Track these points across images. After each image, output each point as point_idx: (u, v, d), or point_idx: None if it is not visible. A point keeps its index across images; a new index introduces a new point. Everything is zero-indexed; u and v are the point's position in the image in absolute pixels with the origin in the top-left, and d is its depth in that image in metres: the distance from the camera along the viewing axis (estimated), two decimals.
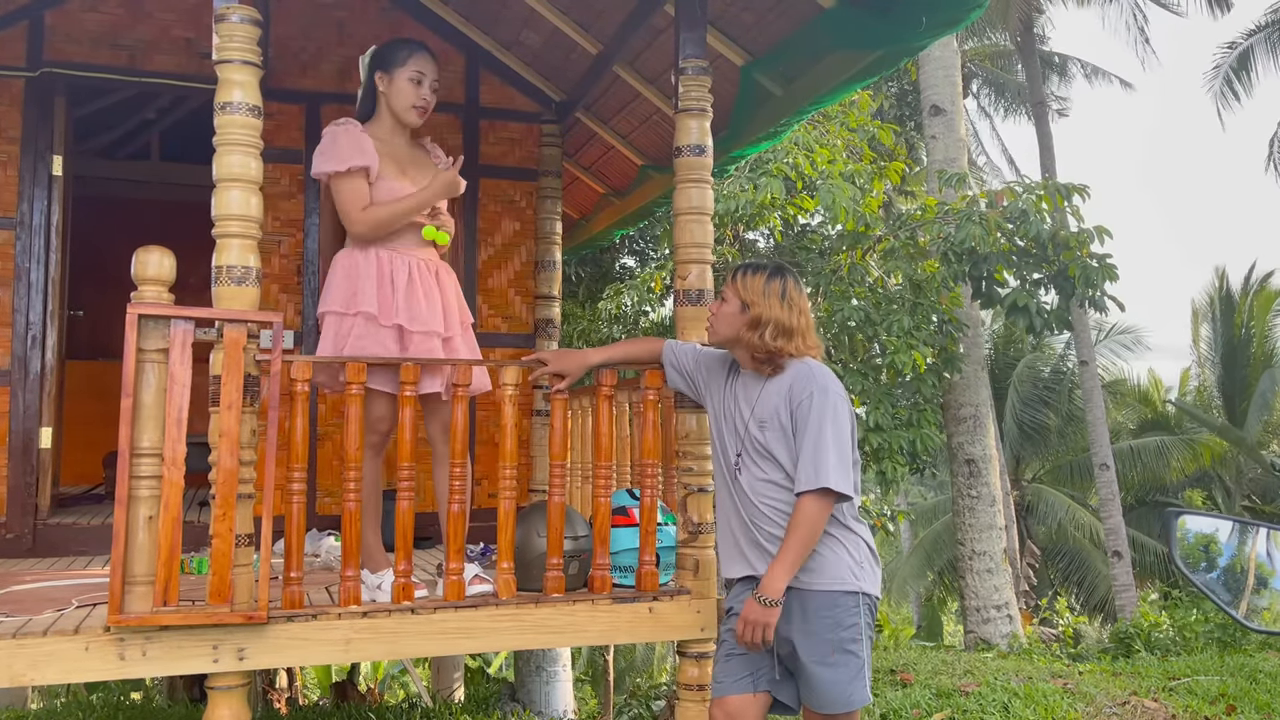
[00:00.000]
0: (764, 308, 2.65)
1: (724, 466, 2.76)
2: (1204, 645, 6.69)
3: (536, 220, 5.52)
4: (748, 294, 2.68)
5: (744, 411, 2.71)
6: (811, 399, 2.56)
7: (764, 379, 2.70)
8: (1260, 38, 16.99)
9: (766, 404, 2.65)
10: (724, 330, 2.75)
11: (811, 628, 2.55)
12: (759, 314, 2.65)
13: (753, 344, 2.66)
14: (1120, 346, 20.02)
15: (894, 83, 13.11)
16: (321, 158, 3.17)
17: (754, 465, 2.65)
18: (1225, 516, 1.75)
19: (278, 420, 2.71)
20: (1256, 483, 17.62)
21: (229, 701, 2.69)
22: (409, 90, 3.28)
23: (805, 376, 2.61)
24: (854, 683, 2.53)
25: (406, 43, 3.35)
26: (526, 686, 6.45)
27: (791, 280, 2.70)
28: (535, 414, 5.29)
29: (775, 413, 2.62)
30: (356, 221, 3.14)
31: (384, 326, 3.15)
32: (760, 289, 2.67)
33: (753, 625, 2.49)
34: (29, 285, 4.58)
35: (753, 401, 2.70)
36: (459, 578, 3.00)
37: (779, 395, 2.63)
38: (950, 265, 7.52)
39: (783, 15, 3.94)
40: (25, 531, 4.49)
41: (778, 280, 2.69)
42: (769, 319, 2.64)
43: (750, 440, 2.66)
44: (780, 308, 2.65)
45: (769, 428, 2.63)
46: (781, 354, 2.65)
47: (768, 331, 2.63)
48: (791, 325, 2.65)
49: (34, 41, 4.71)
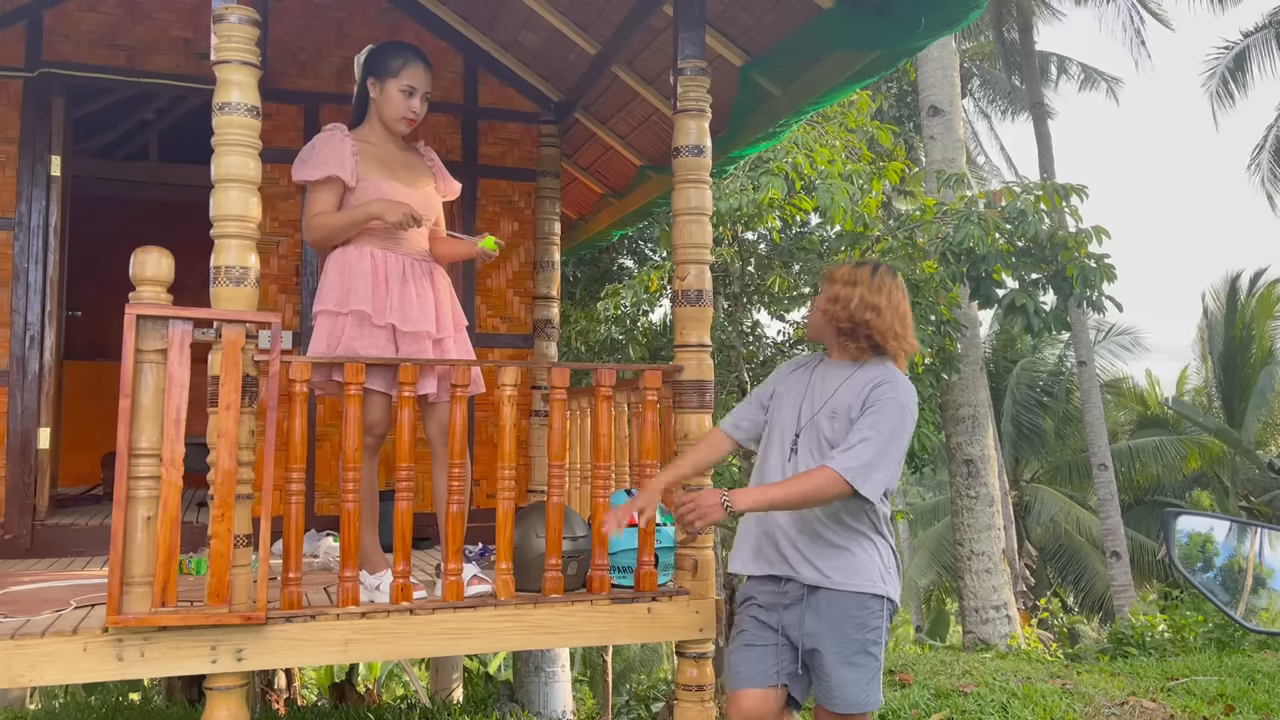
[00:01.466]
0: (847, 286, 2.65)
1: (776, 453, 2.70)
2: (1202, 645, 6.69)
3: (535, 220, 5.52)
4: (835, 276, 2.70)
5: (815, 399, 2.68)
6: (887, 403, 2.54)
7: (848, 372, 2.65)
8: (1257, 39, 17.01)
9: (843, 397, 2.62)
10: (814, 318, 2.77)
11: (839, 627, 2.54)
12: (839, 291, 2.65)
13: (836, 315, 2.64)
14: (1119, 347, 20.04)
15: (893, 83, 13.11)
16: (301, 164, 3.23)
17: (811, 453, 2.62)
18: (1223, 516, 1.75)
19: (276, 421, 2.71)
20: (1254, 482, 17.63)
21: (227, 702, 2.68)
22: (399, 101, 3.29)
23: (891, 383, 2.59)
24: (871, 684, 2.55)
25: (401, 50, 3.34)
26: (525, 687, 6.45)
27: (884, 269, 2.69)
28: (534, 414, 5.29)
29: (848, 409, 2.59)
30: (307, 227, 3.24)
31: (377, 326, 3.15)
32: (848, 272, 2.68)
33: (698, 510, 2.48)
34: (27, 286, 4.58)
35: (830, 393, 2.66)
36: (457, 578, 3.00)
37: (858, 390, 2.60)
38: (948, 265, 7.52)
39: (781, 16, 3.94)
40: (23, 532, 4.48)
41: (868, 267, 2.70)
42: (851, 295, 2.63)
43: (816, 425, 2.63)
44: (869, 288, 2.63)
45: (838, 420, 2.60)
46: (868, 327, 2.61)
47: (853, 304, 2.61)
48: (878, 302, 2.61)
49: (32, 42, 4.71)
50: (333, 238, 3.23)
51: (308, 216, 3.22)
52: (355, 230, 3.21)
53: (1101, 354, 19.15)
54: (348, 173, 3.18)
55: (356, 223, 3.19)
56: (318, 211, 3.19)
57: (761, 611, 2.66)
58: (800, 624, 2.58)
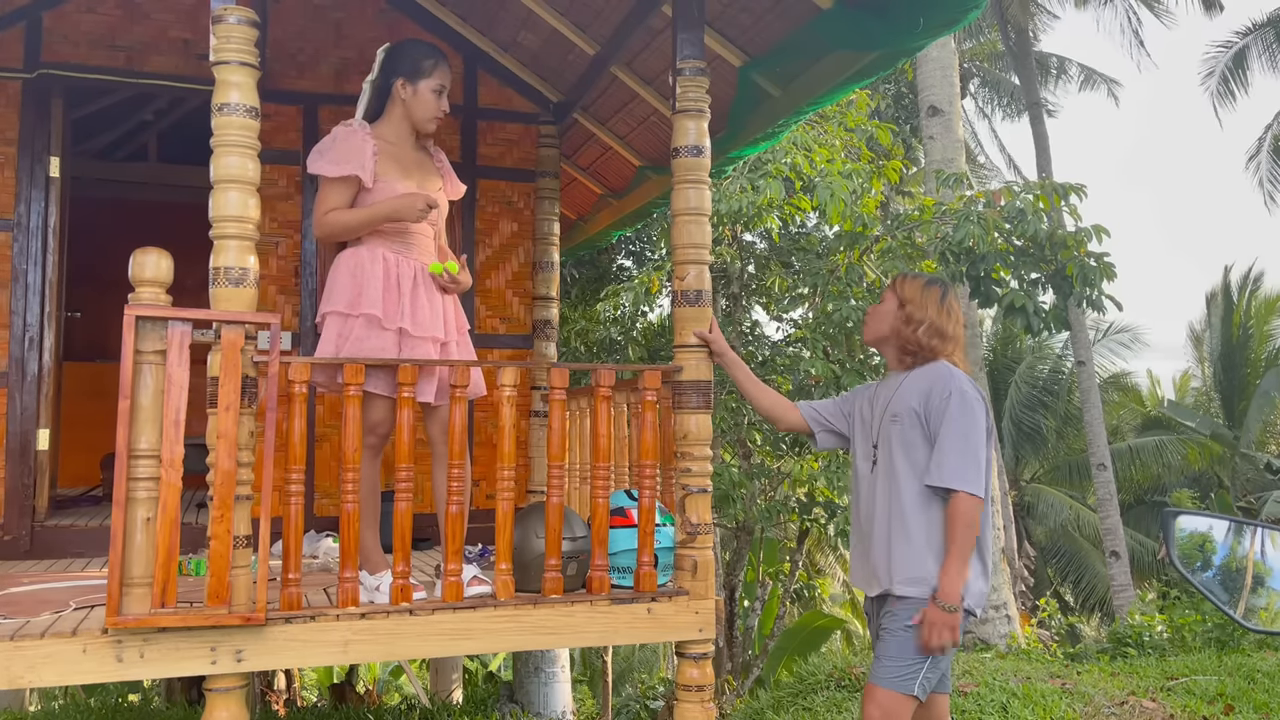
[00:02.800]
0: (918, 307, 2.72)
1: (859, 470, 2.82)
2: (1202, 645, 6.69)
3: (534, 221, 5.52)
4: (905, 293, 2.76)
5: (879, 408, 2.77)
6: (951, 398, 2.60)
7: (902, 379, 2.75)
8: (1255, 37, 17.01)
9: (902, 399, 2.70)
10: (878, 326, 2.82)
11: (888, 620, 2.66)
12: (912, 312, 2.72)
13: (905, 337, 2.72)
14: (1119, 345, 20.05)
15: (890, 84, 13.11)
16: (319, 156, 3.20)
17: (888, 458, 2.70)
18: (1222, 516, 1.75)
19: (275, 422, 2.71)
20: (1254, 481, 17.63)
21: (227, 703, 2.68)
22: (432, 102, 3.30)
23: (945, 376, 2.66)
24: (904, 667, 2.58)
25: (431, 50, 3.34)
26: (525, 687, 6.45)
27: (952, 292, 2.78)
28: (533, 415, 5.29)
29: (910, 409, 2.67)
30: (317, 222, 3.21)
31: (386, 330, 3.15)
32: (919, 290, 2.75)
33: (936, 631, 2.51)
34: (26, 287, 4.58)
35: (889, 397, 2.75)
36: (457, 579, 3.00)
37: (916, 393, 2.67)
38: (948, 265, 7.51)
39: (780, 16, 3.94)
40: (23, 533, 4.48)
41: (938, 286, 2.77)
42: (923, 318, 2.71)
43: (884, 433, 2.71)
44: (938, 311, 2.72)
45: (902, 420, 2.67)
46: (934, 352, 2.71)
47: (921, 330, 2.70)
48: (946, 330, 2.72)
49: (31, 43, 4.71)
50: (344, 235, 3.22)
51: (319, 212, 3.19)
52: (370, 229, 3.20)
53: (1101, 352, 19.16)
54: (367, 174, 3.17)
55: (373, 221, 3.18)
56: (331, 208, 3.17)
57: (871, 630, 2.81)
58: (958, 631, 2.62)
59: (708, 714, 3.22)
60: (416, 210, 3.17)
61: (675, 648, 3.33)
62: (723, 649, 7.76)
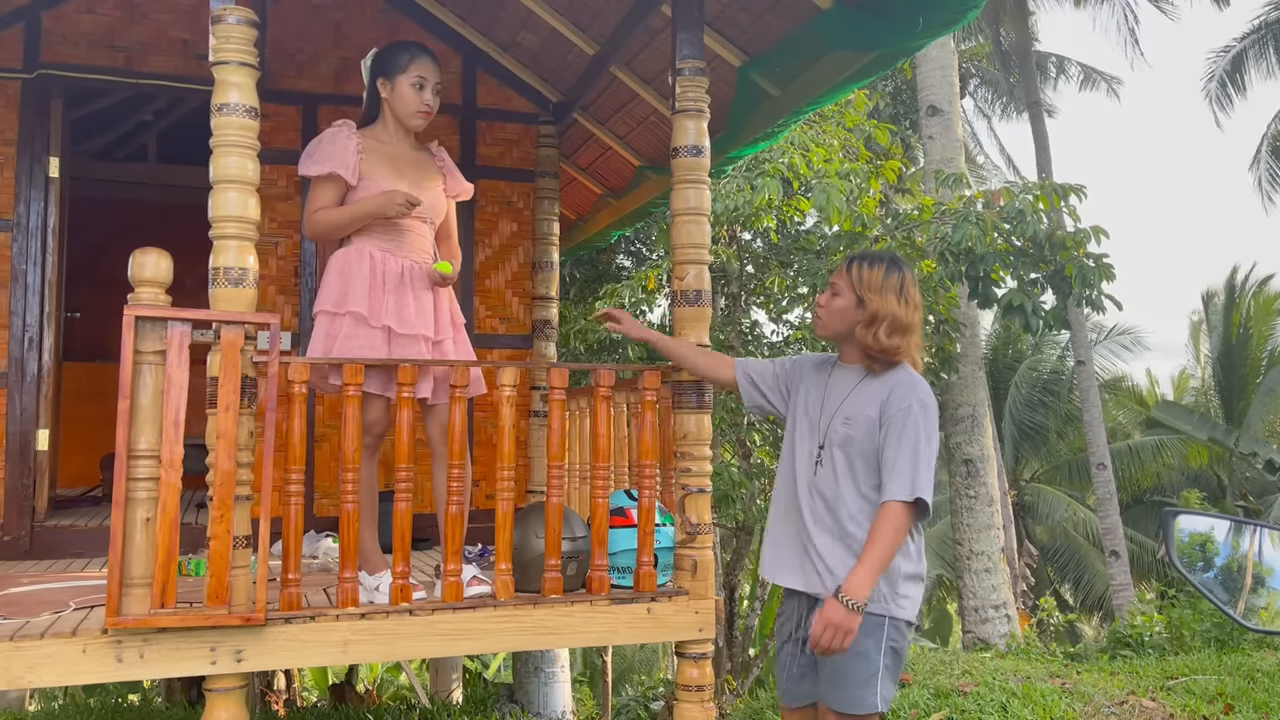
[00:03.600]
0: (880, 304, 2.52)
1: (800, 463, 2.64)
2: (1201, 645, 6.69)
3: (534, 221, 5.52)
4: (864, 289, 2.55)
5: (830, 406, 2.61)
6: (909, 410, 2.47)
7: (859, 378, 2.59)
8: (1252, 40, 17.02)
9: (857, 403, 2.55)
10: (835, 325, 2.63)
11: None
12: (875, 310, 2.53)
13: (866, 342, 2.54)
14: (1119, 346, 20.06)
15: (888, 81, 13.11)
16: (306, 158, 3.26)
17: (834, 462, 2.55)
18: (1222, 516, 1.75)
19: (275, 422, 2.71)
20: (1254, 481, 17.64)
21: (227, 703, 2.68)
22: (411, 96, 3.30)
23: (907, 385, 2.51)
24: (864, 687, 2.45)
25: (407, 47, 3.35)
26: (525, 688, 6.44)
27: (909, 274, 2.58)
28: (533, 415, 5.29)
29: (865, 412, 2.52)
30: (307, 222, 3.26)
31: (372, 328, 3.16)
32: (878, 284, 2.53)
33: (835, 629, 2.37)
34: (26, 287, 4.58)
35: (843, 397, 2.59)
36: (457, 579, 2.99)
37: (874, 397, 2.53)
38: (947, 265, 7.51)
39: (780, 16, 3.94)
40: (23, 533, 4.48)
41: (896, 275, 2.56)
42: (885, 315, 2.51)
43: (835, 435, 2.55)
44: (898, 303, 2.52)
45: (856, 424, 2.52)
46: (896, 352, 2.53)
47: (883, 329, 2.51)
48: (908, 322, 2.53)
49: (30, 43, 4.71)
50: (331, 234, 3.26)
51: (308, 212, 3.25)
52: (354, 227, 3.22)
53: (1102, 353, 19.17)
54: (349, 170, 3.19)
55: (355, 219, 3.21)
56: (317, 207, 3.22)
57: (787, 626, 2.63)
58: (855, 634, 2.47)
59: (707, 714, 3.22)
60: (395, 206, 3.17)
61: (675, 648, 3.33)
62: (722, 649, 7.76)
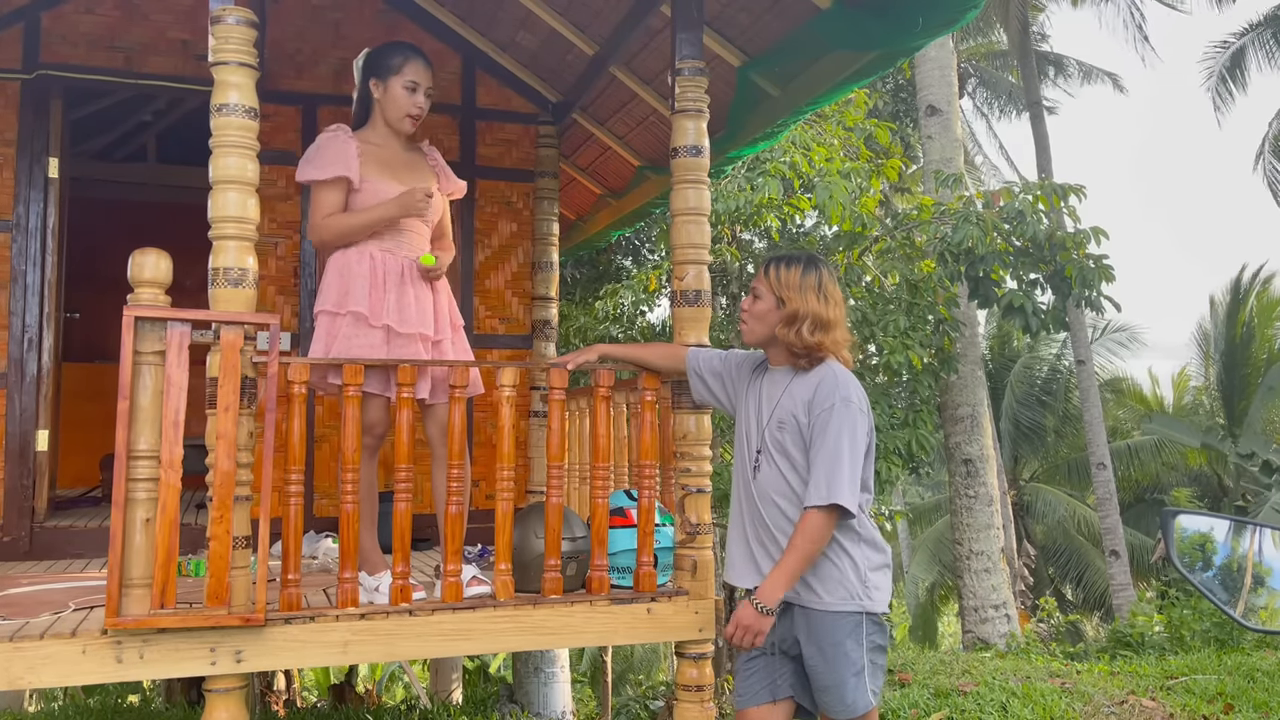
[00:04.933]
0: (800, 302, 2.57)
1: (744, 466, 2.70)
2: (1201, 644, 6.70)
3: (534, 221, 5.52)
4: (783, 289, 2.60)
5: (765, 410, 2.66)
6: (833, 410, 2.49)
7: (789, 378, 2.64)
8: (1252, 36, 17.01)
9: (787, 405, 2.59)
10: (759, 329, 2.68)
11: (822, 646, 2.52)
12: (795, 309, 2.57)
13: (789, 341, 2.58)
14: (1117, 345, 20.05)
15: (889, 79, 13.12)
16: (306, 164, 3.22)
17: (771, 465, 2.60)
18: (1222, 516, 1.75)
19: (274, 422, 2.71)
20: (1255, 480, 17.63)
21: (226, 704, 2.68)
22: (403, 98, 3.29)
23: (830, 383, 2.54)
24: (856, 690, 2.49)
25: (400, 49, 3.34)
26: (525, 687, 6.45)
27: (826, 271, 2.62)
28: (533, 415, 5.29)
29: (793, 415, 2.57)
30: (315, 228, 3.20)
31: (373, 327, 3.16)
32: (796, 283, 2.59)
33: (744, 630, 2.47)
34: (25, 288, 4.58)
35: (775, 400, 2.64)
36: (457, 579, 2.99)
37: (801, 398, 2.57)
38: (946, 265, 7.52)
39: (779, 16, 3.94)
40: (22, 534, 4.48)
41: (813, 273, 2.60)
42: (805, 314, 2.56)
43: (770, 439, 2.61)
44: (817, 301, 2.57)
45: (787, 429, 2.57)
46: (820, 349, 2.58)
47: (804, 327, 2.55)
48: (828, 318, 2.57)
49: (30, 44, 4.71)
50: (344, 239, 3.20)
51: (315, 218, 3.19)
52: (370, 231, 3.20)
53: (1099, 351, 19.15)
54: (354, 173, 3.18)
55: (371, 224, 3.18)
56: (327, 213, 3.17)
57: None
58: (788, 635, 2.56)
59: (707, 714, 3.21)
60: (416, 204, 3.17)
61: (675, 648, 3.33)
62: (722, 649, 7.76)
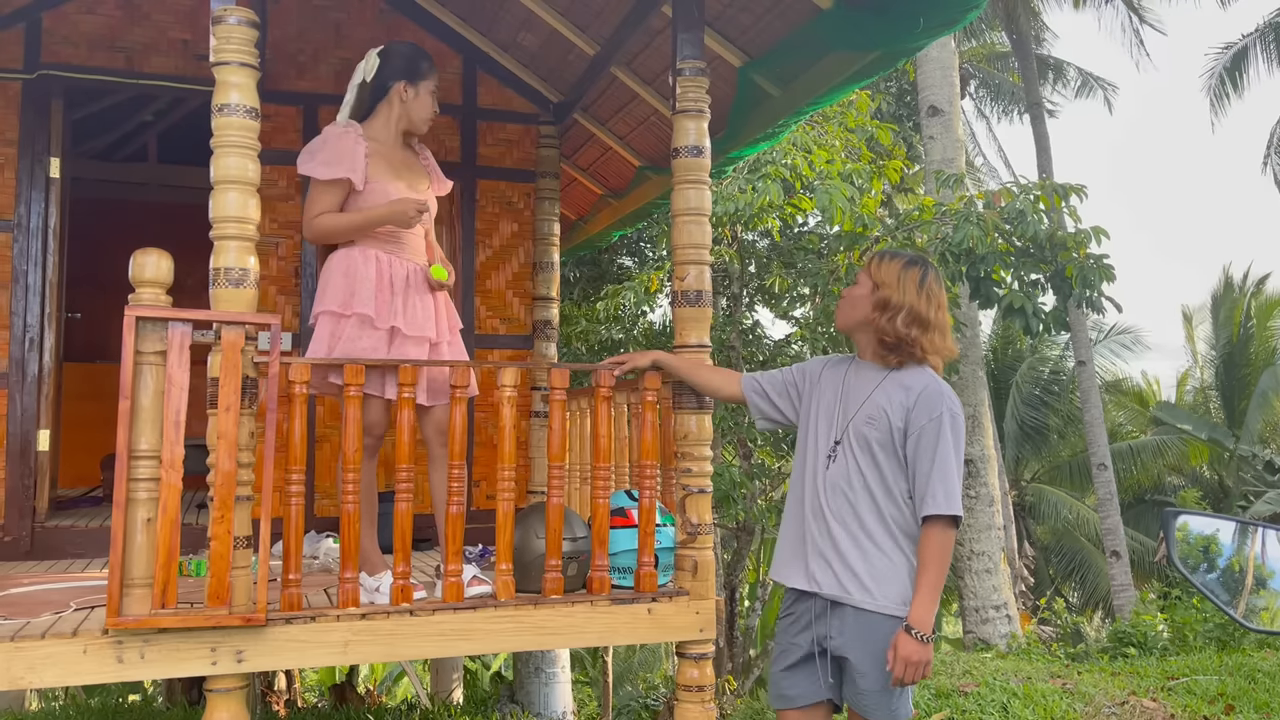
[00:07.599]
0: (896, 291, 2.48)
1: (815, 457, 2.59)
2: (1202, 645, 6.69)
3: (534, 221, 5.52)
4: (881, 276, 2.52)
5: (851, 403, 2.55)
6: (942, 421, 2.43)
7: (881, 376, 2.53)
8: (1255, 38, 17.03)
9: (880, 401, 2.49)
10: (851, 314, 2.58)
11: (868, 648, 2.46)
12: (888, 296, 2.49)
13: (881, 328, 2.50)
14: (1119, 346, 20.06)
15: (893, 81, 13.11)
16: (310, 157, 3.20)
17: (849, 457, 2.51)
18: (1224, 517, 1.75)
19: (275, 422, 2.71)
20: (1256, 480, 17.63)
21: (227, 704, 2.68)
22: (430, 104, 3.37)
23: (936, 394, 2.47)
24: (901, 697, 2.46)
25: (425, 54, 3.41)
26: (525, 688, 6.45)
27: (933, 273, 2.54)
28: (534, 415, 5.29)
29: (885, 413, 2.47)
30: (308, 224, 3.21)
31: (377, 329, 3.16)
32: (895, 273, 2.51)
33: (914, 666, 2.35)
34: (26, 288, 4.58)
35: (865, 395, 2.53)
36: (457, 579, 2.99)
37: (898, 401, 2.48)
38: (947, 265, 7.51)
39: (780, 16, 3.94)
40: (23, 534, 4.48)
41: (917, 269, 2.52)
42: (901, 304, 2.47)
43: (854, 432, 2.51)
44: (916, 295, 2.48)
45: (877, 424, 2.48)
46: (913, 345, 2.49)
47: (900, 317, 2.47)
48: (927, 317, 2.48)
49: (31, 44, 4.71)
50: (334, 239, 3.24)
51: (310, 215, 3.20)
52: (360, 234, 3.21)
53: (1102, 353, 19.17)
54: (359, 176, 3.18)
55: (365, 227, 3.20)
56: (321, 211, 3.18)
57: (794, 628, 2.58)
58: (828, 635, 2.49)
59: (708, 714, 3.21)
60: (409, 216, 3.19)
61: (675, 648, 3.33)
62: (723, 649, 7.77)
